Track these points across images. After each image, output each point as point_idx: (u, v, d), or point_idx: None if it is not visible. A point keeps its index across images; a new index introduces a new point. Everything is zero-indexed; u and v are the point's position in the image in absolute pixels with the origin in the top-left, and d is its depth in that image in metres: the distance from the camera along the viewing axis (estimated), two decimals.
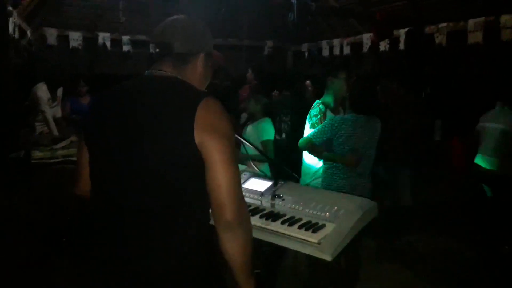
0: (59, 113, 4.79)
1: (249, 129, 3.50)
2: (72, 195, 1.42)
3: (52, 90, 4.54)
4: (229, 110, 1.31)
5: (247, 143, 2.21)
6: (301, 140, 2.79)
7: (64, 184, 2.56)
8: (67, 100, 5.17)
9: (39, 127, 4.55)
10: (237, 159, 1.28)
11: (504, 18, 5.13)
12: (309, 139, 2.75)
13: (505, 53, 5.50)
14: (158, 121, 1.21)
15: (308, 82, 5.49)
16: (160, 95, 1.26)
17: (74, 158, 3.54)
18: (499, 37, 5.17)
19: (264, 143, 3.37)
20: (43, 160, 3.38)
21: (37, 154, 3.50)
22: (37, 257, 2.58)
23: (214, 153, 1.19)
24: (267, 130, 3.45)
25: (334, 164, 2.71)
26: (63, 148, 3.75)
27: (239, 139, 2.16)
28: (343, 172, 2.68)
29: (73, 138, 4.04)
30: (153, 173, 1.20)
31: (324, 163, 2.81)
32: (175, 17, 1.40)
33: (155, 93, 1.27)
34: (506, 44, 5.19)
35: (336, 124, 2.67)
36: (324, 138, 2.70)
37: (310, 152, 2.78)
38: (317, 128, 2.77)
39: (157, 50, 1.36)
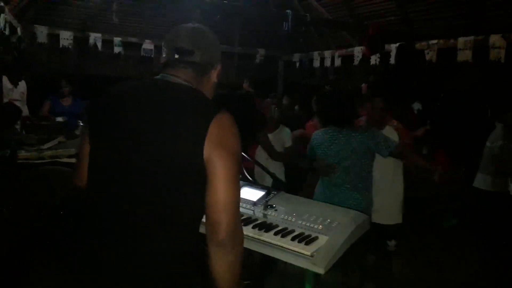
0: (26, 111, 4.73)
1: (270, 137, 3.55)
2: (65, 190, 1.39)
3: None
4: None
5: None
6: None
7: (51, 185, 2.51)
8: (47, 99, 5.07)
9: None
10: (239, 177, 1.27)
11: (493, 38, 5.24)
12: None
13: (493, 72, 5.63)
14: (170, 128, 1.19)
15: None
16: (175, 102, 1.24)
17: (62, 159, 3.47)
18: (487, 56, 5.28)
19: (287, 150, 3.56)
20: (30, 161, 3.30)
21: (23, 154, 3.41)
22: (22, 259, 2.52)
23: (220, 169, 1.18)
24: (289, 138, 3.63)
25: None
26: (50, 148, 3.67)
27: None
28: (320, 183, 2.83)
29: (61, 138, 3.97)
30: (155, 178, 1.18)
31: None
32: (192, 25, 1.37)
33: (170, 99, 1.26)
34: (494, 63, 5.30)
35: (313, 137, 2.85)
36: (309, 153, 2.90)
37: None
38: None
39: (176, 56, 1.31)
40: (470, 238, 4.15)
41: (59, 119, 4.70)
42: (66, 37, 6.83)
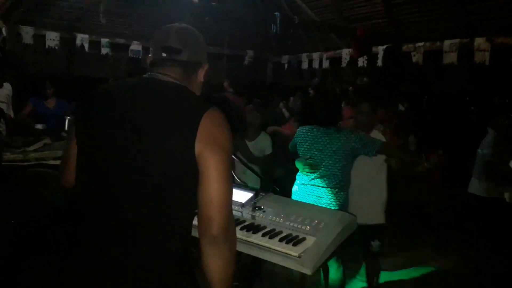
0: (11, 114, 4.65)
1: (251, 144, 3.55)
2: (51, 192, 1.38)
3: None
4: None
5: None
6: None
7: (37, 188, 2.48)
8: (30, 101, 4.93)
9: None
10: (231, 173, 1.27)
11: (478, 41, 5.33)
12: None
13: (478, 74, 5.72)
14: (160, 126, 1.19)
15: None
16: (165, 100, 1.24)
17: (47, 162, 3.43)
18: (472, 58, 5.37)
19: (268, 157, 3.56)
20: (15, 163, 3.26)
21: (8, 156, 3.37)
22: (9, 261, 2.48)
23: (211, 165, 1.18)
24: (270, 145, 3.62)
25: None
26: (35, 150, 3.62)
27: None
28: (298, 180, 2.84)
29: (47, 140, 3.93)
30: (145, 176, 1.18)
31: None
32: (179, 25, 1.37)
33: (160, 97, 1.25)
34: (479, 65, 5.39)
35: (297, 134, 2.87)
36: (291, 148, 2.94)
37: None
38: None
39: (164, 54, 1.32)
40: (463, 242, 4.18)
41: (39, 126, 4.46)
42: (52, 38, 6.75)
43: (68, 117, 4.33)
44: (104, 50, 7.22)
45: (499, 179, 3.74)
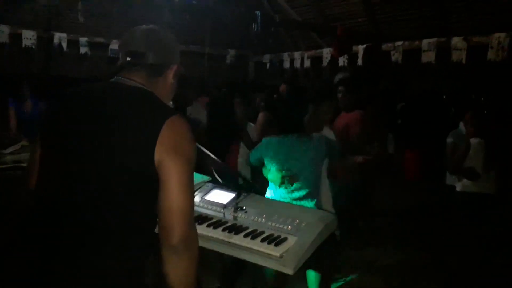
0: None
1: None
2: (26, 196, 1.36)
3: None
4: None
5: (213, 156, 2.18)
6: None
7: (14, 190, 2.43)
8: (10, 105, 4.72)
9: None
10: (193, 182, 1.25)
11: (455, 40, 5.45)
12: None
13: (455, 72, 5.85)
14: (120, 131, 1.18)
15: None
16: (127, 105, 1.23)
17: (25, 164, 3.36)
18: (450, 57, 5.49)
19: None
20: None
21: None
22: None
23: (171, 173, 1.16)
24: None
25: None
26: (12, 153, 3.54)
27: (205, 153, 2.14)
28: (273, 192, 2.61)
29: (24, 142, 3.84)
30: (104, 182, 1.17)
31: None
32: (145, 26, 1.36)
33: (122, 102, 1.24)
34: (456, 64, 5.51)
35: (265, 147, 2.61)
36: (253, 161, 2.68)
37: None
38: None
39: (128, 58, 1.31)
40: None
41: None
42: (29, 37, 6.61)
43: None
44: (82, 49, 7.12)
45: (452, 170, 3.77)
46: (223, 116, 3.67)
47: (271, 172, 2.57)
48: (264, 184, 2.72)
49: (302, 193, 2.51)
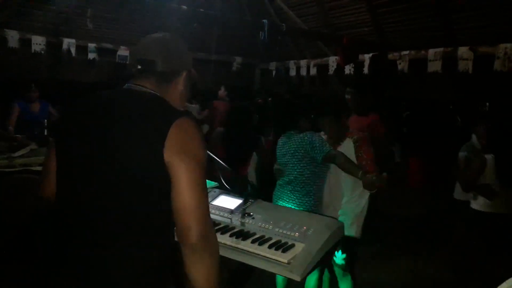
0: None
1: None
2: (36, 200, 1.38)
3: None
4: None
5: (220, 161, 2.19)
6: None
7: (23, 195, 2.45)
8: (16, 104, 4.85)
9: None
10: (205, 181, 1.26)
11: (461, 50, 5.45)
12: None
13: (461, 82, 5.84)
14: (131, 135, 1.21)
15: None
16: (137, 110, 1.26)
17: (34, 168, 3.39)
18: (456, 67, 5.49)
19: None
20: (0, 169, 3.21)
21: None
22: None
23: (182, 173, 1.18)
24: None
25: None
26: (21, 156, 3.58)
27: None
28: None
29: (33, 146, 3.88)
30: (120, 186, 1.19)
31: None
32: (157, 34, 1.40)
33: (132, 107, 1.27)
34: (462, 74, 5.51)
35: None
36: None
37: None
38: None
39: (139, 66, 1.34)
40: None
41: (18, 136, 4.20)
42: (38, 42, 6.67)
43: (46, 120, 4.29)
44: (91, 55, 7.16)
45: (466, 185, 3.56)
46: (242, 125, 3.73)
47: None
48: (271, 192, 2.85)
49: (287, 185, 2.78)
